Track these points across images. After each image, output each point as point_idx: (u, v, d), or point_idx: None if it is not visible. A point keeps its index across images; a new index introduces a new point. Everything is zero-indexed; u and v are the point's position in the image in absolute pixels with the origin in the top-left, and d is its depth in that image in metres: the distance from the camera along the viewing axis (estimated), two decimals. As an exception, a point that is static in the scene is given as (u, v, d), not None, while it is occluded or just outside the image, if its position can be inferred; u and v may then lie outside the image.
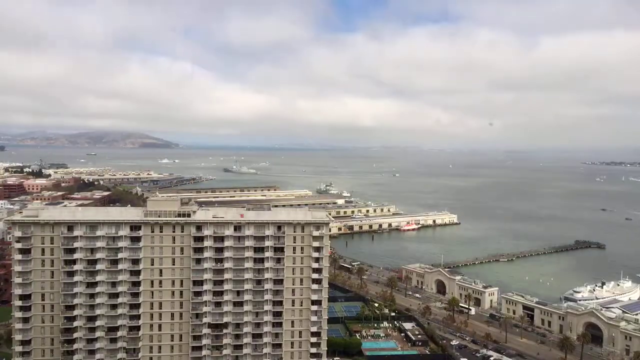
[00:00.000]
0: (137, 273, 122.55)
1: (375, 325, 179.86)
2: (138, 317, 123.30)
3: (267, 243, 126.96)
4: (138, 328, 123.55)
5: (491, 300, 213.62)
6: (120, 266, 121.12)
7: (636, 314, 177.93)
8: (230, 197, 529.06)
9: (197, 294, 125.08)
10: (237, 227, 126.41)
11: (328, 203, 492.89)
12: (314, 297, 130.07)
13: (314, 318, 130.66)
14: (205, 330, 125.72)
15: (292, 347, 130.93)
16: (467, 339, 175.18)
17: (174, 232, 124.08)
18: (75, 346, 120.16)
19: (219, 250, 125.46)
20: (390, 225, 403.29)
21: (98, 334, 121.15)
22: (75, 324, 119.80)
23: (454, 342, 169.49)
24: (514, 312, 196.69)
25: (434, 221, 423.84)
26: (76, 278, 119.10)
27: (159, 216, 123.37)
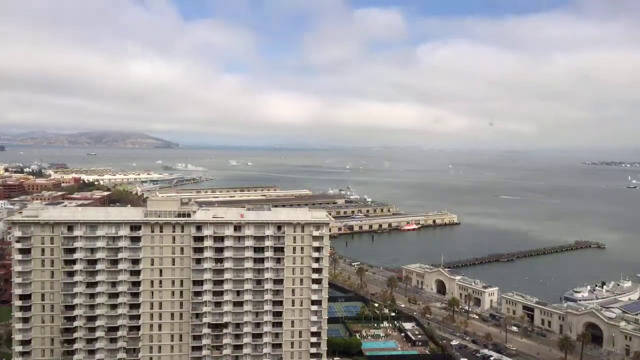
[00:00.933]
0: (137, 273, 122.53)
1: (375, 325, 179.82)
2: (138, 317, 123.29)
3: (267, 243, 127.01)
4: (138, 328, 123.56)
5: (491, 300, 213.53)
6: (120, 266, 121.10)
7: (636, 314, 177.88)
8: (230, 197, 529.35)
9: (197, 294, 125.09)
10: (237, 227, 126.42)
11: (328, 203, 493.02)
12: (314, 297, 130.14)
13: (314, 318, 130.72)
14: (205, 330, 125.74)
15: (292, 347, 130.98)
16: (467, 339, 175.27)
17: (174, 232, 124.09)
18: (75, 346, 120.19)
19: (219, 250, 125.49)
20: (390, 225, 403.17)
21: (98, 334, 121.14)
22: (75, 324, 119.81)
23: (454, 342, 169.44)
24: (514, 312, 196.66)
25: (434, 221, 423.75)
26: (76, 278, 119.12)
27: (159, 216, 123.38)
